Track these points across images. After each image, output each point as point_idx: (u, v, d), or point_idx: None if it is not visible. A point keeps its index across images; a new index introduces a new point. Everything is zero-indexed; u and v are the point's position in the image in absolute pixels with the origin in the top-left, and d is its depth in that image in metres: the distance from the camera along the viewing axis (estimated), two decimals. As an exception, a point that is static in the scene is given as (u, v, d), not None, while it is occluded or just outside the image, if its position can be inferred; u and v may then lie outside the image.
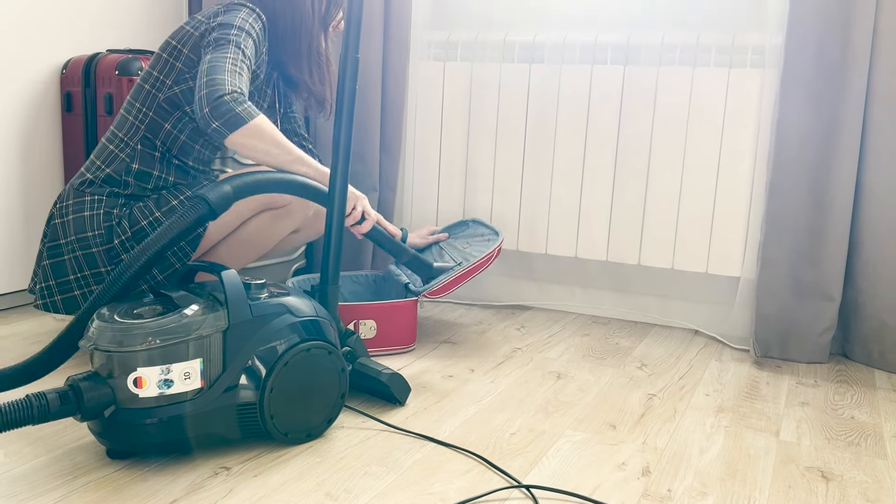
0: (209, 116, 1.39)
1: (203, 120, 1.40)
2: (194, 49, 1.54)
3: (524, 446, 1.30)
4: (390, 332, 1.75)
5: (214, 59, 1.45)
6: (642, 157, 2.03)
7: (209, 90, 1.40)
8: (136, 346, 1.12)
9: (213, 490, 1.12)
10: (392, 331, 1.75)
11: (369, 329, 1.71)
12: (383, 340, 1.74)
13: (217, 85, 1.40)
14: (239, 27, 1.50)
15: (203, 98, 1.40)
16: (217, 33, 1.50)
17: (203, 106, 1.39)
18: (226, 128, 1.39)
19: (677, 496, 1.15)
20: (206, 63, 1.45)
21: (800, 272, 1.83)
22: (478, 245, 1.91)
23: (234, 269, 1.68)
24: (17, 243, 1.99)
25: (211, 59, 1.45)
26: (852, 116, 1.73)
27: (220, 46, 1.47)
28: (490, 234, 1.95)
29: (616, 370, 1.72)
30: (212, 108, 1.38)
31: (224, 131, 1.40)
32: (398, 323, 1.75)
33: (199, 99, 1.41)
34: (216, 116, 1.39)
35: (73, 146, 2.05)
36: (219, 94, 1.39)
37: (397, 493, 1.13)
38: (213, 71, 1.42)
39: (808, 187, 1.80)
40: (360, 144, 2.23)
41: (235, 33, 1.49)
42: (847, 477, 1.24)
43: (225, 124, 1.39)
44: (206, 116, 1.39)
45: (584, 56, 2.08)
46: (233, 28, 1.50)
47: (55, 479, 1.13)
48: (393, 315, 1.74)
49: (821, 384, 1.69)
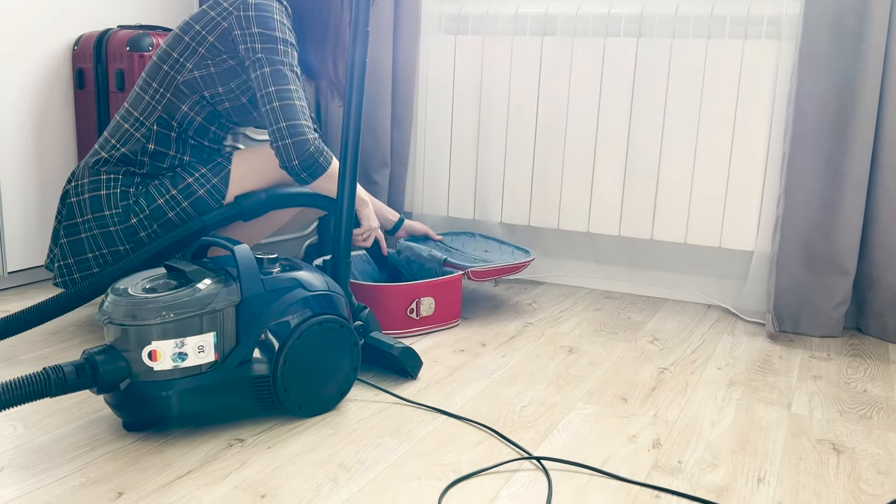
0: (298, 168, 1.48)
1: (291, 170, 1.48)
2: (221, 39, 1.52)
3: (535, 419, 1.31)
4: (444, 308, 1.78)
5: (283, 96, 1.47)
6: (655, 130, 2.02)
7: (295, 142, 1.46)
8: (150, 320, 1.13)
9: (228, 461, 1.13)
10: (446, 306, 1.78)
11: (428, 307, 1.73)
12: (439, 317, 1.77)
13: (301, 136, 1.46)
14: (283, 40, 1.50)
15: (290, 148, 1.46)
16: (263, 49, 1.48)
17: (292, 158, 1.46)
18: (311, 177, 1.50)
19: (688, 468, 1.16)
20: (274, 99, 1.47)
21: (814, 246, 1.82)
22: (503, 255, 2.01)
23: (249, 244, 1.69)
24: (32, 220, 2.01)
25: (279, 95, 1.47)
26: (870, 88, 1.71)
27: (278, 74, 1.48)
28: (515, 250, 2.01)
29: (628, 344, 1.72)
30: (301, 161, 1.47)
31: (310, 180, 1.50)
32: (451, 298, 1.79)
33: (285, 147, 1.46)
34: (304, 168, 1.48)
35: (86, 122, 2.06)
36: (306, 148, 1.47)
37: (409, 464, 1.14)
38: (288, 114, 1.46)
39: (825, 160, 1.78)
40: (371, 119, 2.23)
41: (283, 50, 1.49)
42: (859, 449, 1.24)
43: (312, 175, 1.49)
44: (294, 167, 1.48)
45: (597, 28, 2.05)
46: (278, 43, 1.49)
47: (74, 449, 1.15)
48: (447, 291, 1.77)
49: (834, 358, 1.68)
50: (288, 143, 1.46)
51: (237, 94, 1.57)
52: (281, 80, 1.48)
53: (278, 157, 1.48)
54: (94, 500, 1.02)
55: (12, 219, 1.97)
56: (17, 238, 1.98)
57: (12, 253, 1.97)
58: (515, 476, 1.12)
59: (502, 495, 1.06)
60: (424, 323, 1.75)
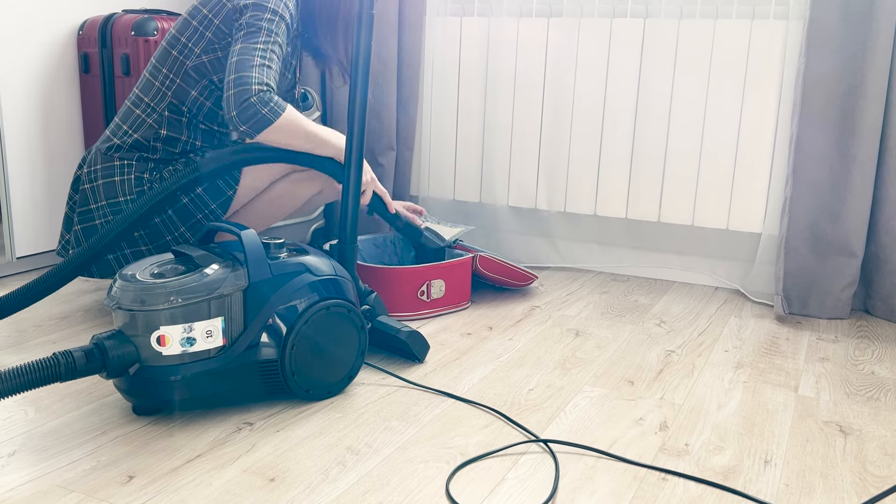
0: (237, 120, 1.39)
1: (231, 122, 1.40)
2: (226, 21, 1.52)
3: (542, 402, 1.32)
4: (454, 290, 1.78)
5: (242, 51, 1.41)
6: (663, 112, 2.00)
7: (236, 91, 1.38)
8: (158, 305, 1.13)
9: (237, 445, 1.14)
10: (456, 289, 1.78)
11: (439, 289, 1.74)
12: (450, 299, 1.78)
13: (243, 85, 1.38)
14: (273, 10, 1.47)
15: (230, 99, 1.38)
16: (250, 16, 1.46)
17: (231, 108, 1.38)
18: (253, 129, 1.39)
19: (695, 450, 1.16)
20: (234, 55, 1.42)
21: (822, 227, 1.81)
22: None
23: (258, 229, 1.69)
24: (39, 205, 2.02)
25: (240, 51, 1.42)
26: (879, 69, 1.69)
27: (251, 35, 1.43)
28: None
29: (635, 327, 1.72)
30: (239, 112, 1.38)
31: (251, 132, 1.40)
32: (461, 280, 1.79)
33: (227, 99, 1.39)
34: (243, 120, 1.38)
35: (92, 107, 2.06)
36: (245, 98, 1.37)
37: (417, 447, 1.15)
38: (239, 67, 1.39)
39: (833, 141, 1.77)
40: (376, 102, 2.22)
41: (269, 18, 1.46)
42: (865, 431, 1.24)
43: (252, 127, 1.39)
44: (233, 119, 1.39)
45: (604, 9, 2.04)
46: (266, 12, 1.46)
47: (85, 433, 1.16)
48: (458, 273, 1.78)
49: (841, 340, 1.68)
50: (230, 95, 1.39)
51: None
52: (249, 39, 1.43)
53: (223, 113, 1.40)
54: (105, 483, 1.03)
55: (20, 204, 1.97)
56: (24, 223, 1.99)
57: (20, 238, 1.98)
58: (523, 459, 1.12)
59: (510, 478, 1.07)
60: (435, 305, 1.75)
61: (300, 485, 1.04)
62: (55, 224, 2.06)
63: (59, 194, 2.06)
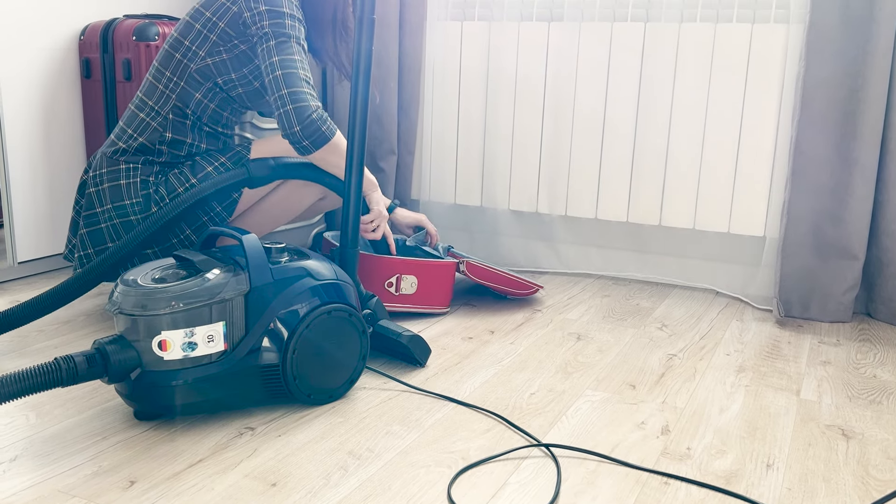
0: (300, 135, 1.45)
1: (292, 136, 1.46)
2: (231, 24, 1.52)
3: (544, 406, 1.32)
4: (429, 291, 1.76)
5: (286, 65, 1.46)
6: (663, 115, 2.01)
7: (296, 108, 1.44)
8: (160, 310, 1.13)
9: (239, 449, 1.14)
10: (431, 290, 1.77)
11: (410, 285, 1.73)
12: (422, 298, 1.76)
13: (302, 102, 1.45)
14: (290, 15, 1.50)
15: (291, 114, 1.44)
16: (271, 23, 1.48)
17: (293, 124, 1.45)
18: (314, 145, 1.47)
19: (696, 454, 1.16)
20: (277, 68, 1.46)
21: (823, 231, 1.81)
22: None
23: (259, 234, 1.69)
24: (41, 210, 2.02)
25: (281, 64, 1.46)
26: (879, 72, 1.70)
27: (283, 45, 1.48)
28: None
29: (636, 331, 1.72)
30: (303, 128, 1.45)
31: (312, 148, 1.47)
32: (438, 282, 1.77)
33: (286, 114, 1.44)
34: (306, 136, 1.45)
35: (94, 112, 2.06)
36: (307, 114, 1.45)
37: (419, 452, 1.15)
38: (291, 82, 1.45)
39: (834, 145, 1.77)
40: (377, 106, 2.22)
41: (290, 24, 1.49)
42: (868, 435, 1.24)
43: (314, 143, 1.47)
44: (296, 134, 1.45)
45: (605, 13, 2.04)
46: (285, 17, 1.49)
47: (86, 438, 1.16)
48: (434, 274, 1.76)
49: (843, 343, 1.68)
50: (290, 110, 1.45)
51: (250, 80, 1.57)
52: (285, 50, 1.47)
53: (280, 126, 1.46)
54: (107, 488, 1.03)
55: (21, 209, 1.97)
56: (26, 228, 1.99)
57: (22, 243, 1.98)
58: (524, 463, 1.12)
59: (511, 482, 1.07)
60: (405, 301, 1.74)
61: (302, 490, 1.04)
62: (57, 229, 2.06)
63: (60, 199, 2.06)
